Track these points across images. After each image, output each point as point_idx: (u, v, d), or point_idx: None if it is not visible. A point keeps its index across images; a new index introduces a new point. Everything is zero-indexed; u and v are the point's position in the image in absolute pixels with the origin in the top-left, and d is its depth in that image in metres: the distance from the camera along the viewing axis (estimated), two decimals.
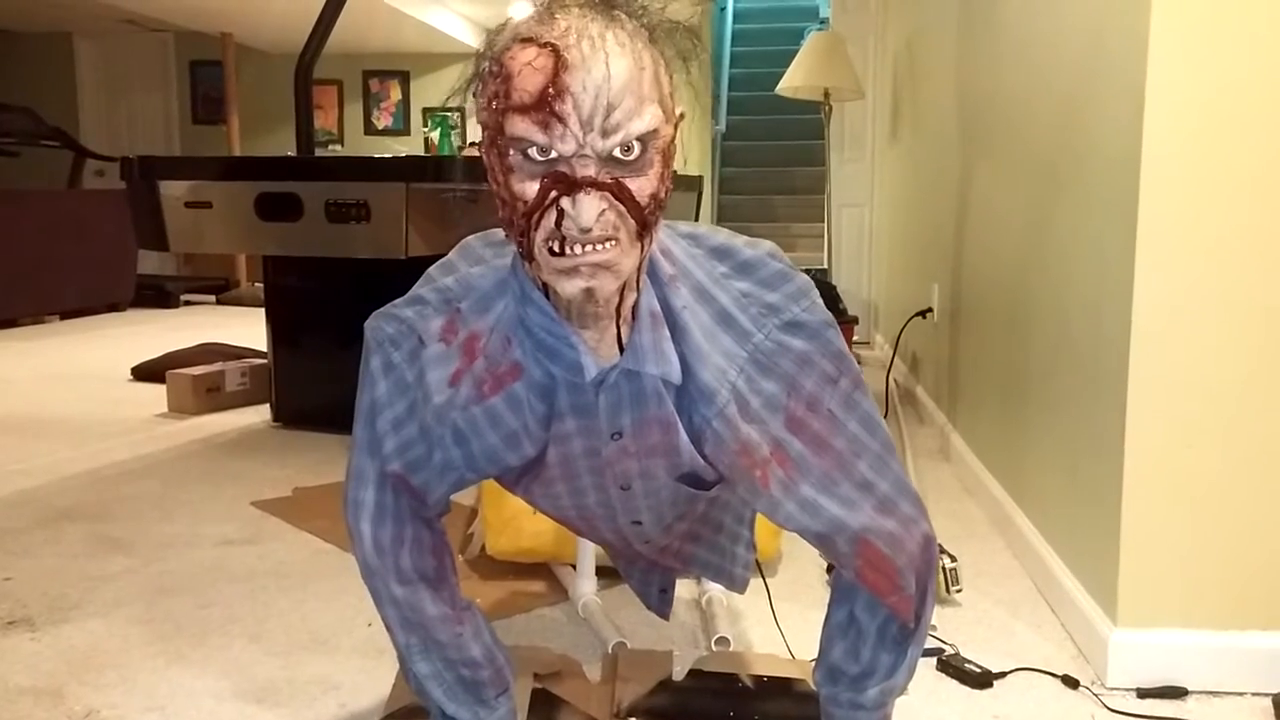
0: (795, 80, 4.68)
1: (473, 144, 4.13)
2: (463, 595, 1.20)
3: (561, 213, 0.86)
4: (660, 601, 1.56)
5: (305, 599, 1.95)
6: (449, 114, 8.32)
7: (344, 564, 2.13)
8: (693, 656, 1.66)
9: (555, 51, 0.83)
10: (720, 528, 1.42)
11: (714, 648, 1.70)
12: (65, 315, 6.36)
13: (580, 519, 1.22)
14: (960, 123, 2.96)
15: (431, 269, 1.11)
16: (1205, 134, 1.50)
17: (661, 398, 1.02)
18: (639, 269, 0.95)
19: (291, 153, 3.50)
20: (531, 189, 0.87)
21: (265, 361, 3.54)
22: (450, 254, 1.13)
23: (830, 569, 2.01)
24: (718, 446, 1.05)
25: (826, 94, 4.70)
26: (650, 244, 0.92)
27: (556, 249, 0.88)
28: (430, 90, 9.01)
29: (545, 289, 0.95)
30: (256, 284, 7.12)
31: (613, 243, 0.87)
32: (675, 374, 1.00)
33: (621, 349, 0.98)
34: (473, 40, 8.48)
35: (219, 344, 4.58)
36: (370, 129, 9.13)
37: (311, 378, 3.34)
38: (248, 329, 5.49)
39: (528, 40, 0.85)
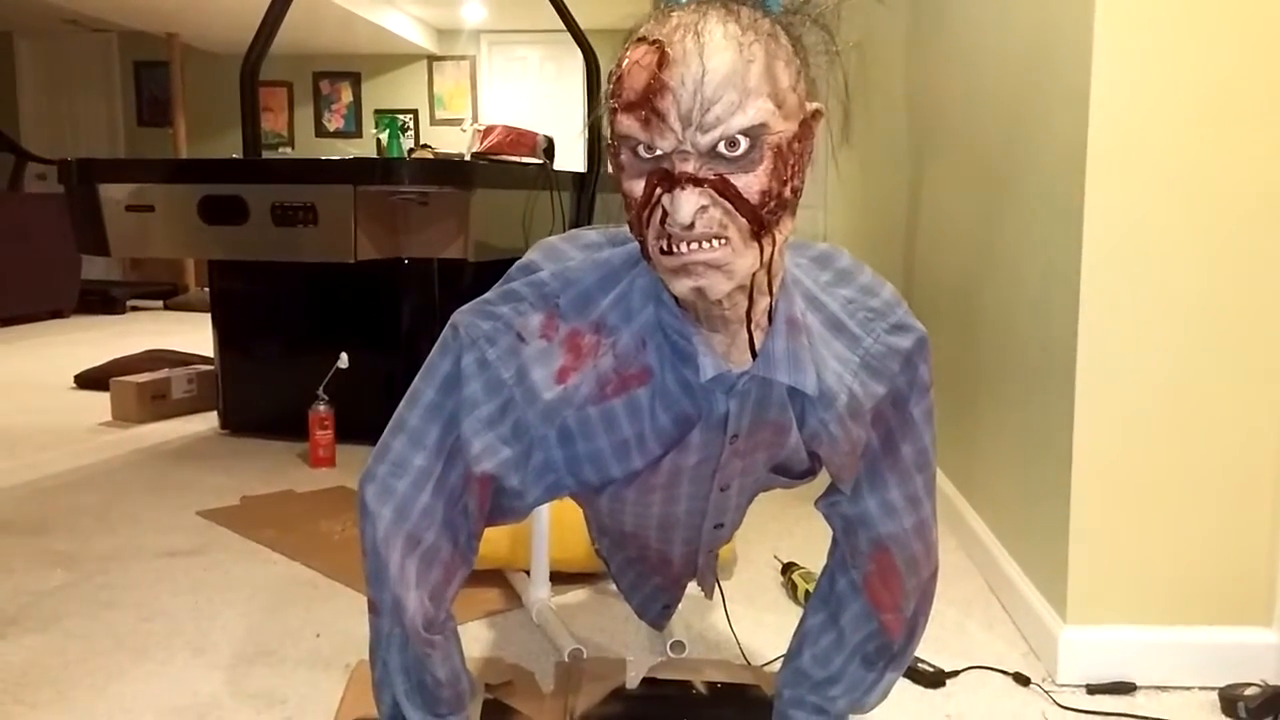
0: None
1: (424, 146, 4.09)
2: (446, 612, 1.15)
3: (666, 210, 0.85)
4: (660, 616, 1.56)
5: (251, 610, 1.91)
6: (399, 116, 8.25)
7: (292, 574, 2.09)
8: (647, 662, 1.65)
9: (660, 48, 0.83)
10: None
11: (669, 651, 1.69)
12: (6, 322, 6.20)
13: (660, 528, 1.20)
14: (910, 127, 2.98)
15: (512, 269, 1.09)
16: (1148, 138, 1.52)
17: (785, 405, 1.02)
18: (768, 272, 0.94)
19: (238, 155, 3.45)
20: (639, 187, 0.86)
21: (212, 368, 3.47)
22: (530, 254, 1.09)
23: (785, 570, 2.01)
24: (832, 448, 1.06)
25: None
26: (773, 246, 0.89)
27: (665, 247, 0.86)
28: (382, 92, 8.92)
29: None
30: (205, 289, 7.01)
31: (721, 241, 0.85)
32: (811, 384, 0.99)
33: (754, 354, 0.97)
34: (424, 41, 8.41)
35: (166, 350, 4.49)
36: (321, 131, 9.02)
37: (260, 384, 3.28)
38: (196, 335, 5.39)
39: (641, 39, 0.85)
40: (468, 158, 3.29)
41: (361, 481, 1.09)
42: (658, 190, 0.85)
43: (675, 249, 0.86)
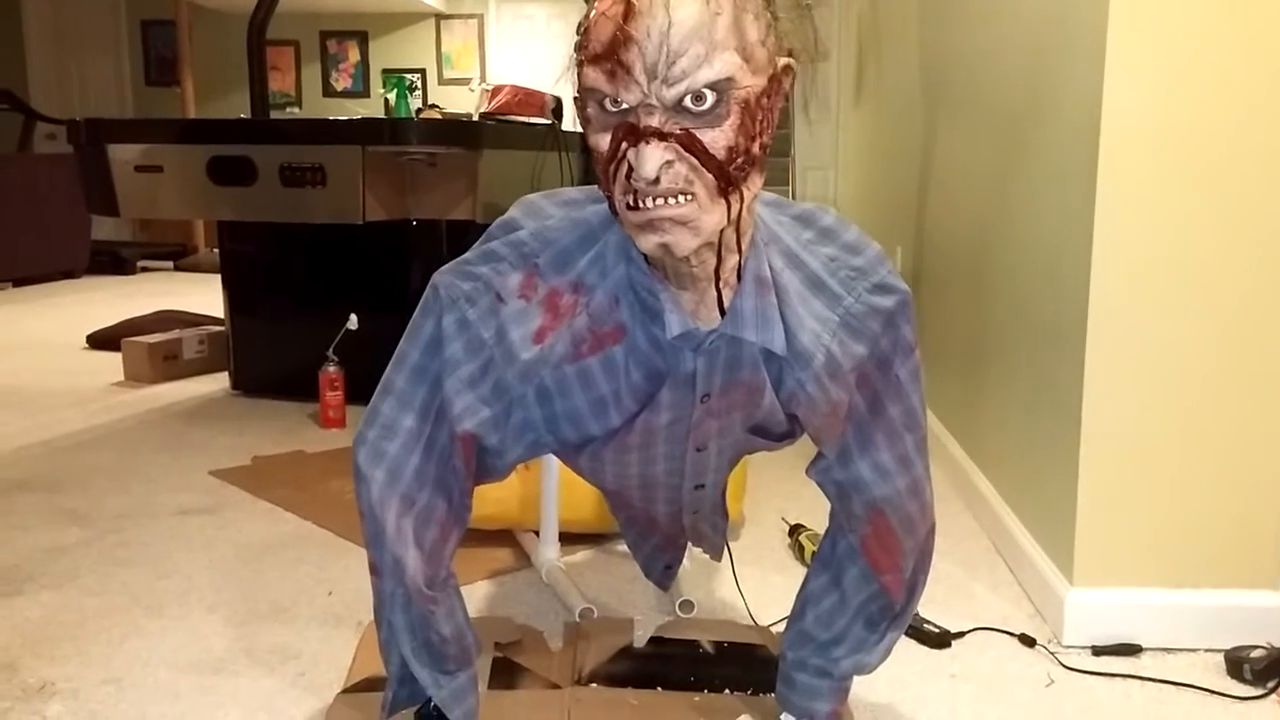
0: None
1: (432, 106, 4.07)
2: (446, 570, 1.17)
3: (631, 165, 0.84)
4: (663, 576, 1.57)
5: (264, 568, 1.93)
6: (407, 75, 8.17)
7: (304, 532, 2.11)
8: (655, 621, 1.67)
9: (626, 0, 0.82)
10: (718, 499, 1.43)
11: (679, 611, 1.70)
12: (18, 283, 6.22)
13: (641, 488, 1.20)
14: (923, 85, 2.95)
15: (492, 227, 1.09)
16: (1165, 97, 1.50)
17: (757, 364, 1.02)
18: (737, 229, 0.93)
19: (246, 115, 3.43)
20: (606, 141, 0.86)
21: (223, 329, 3.48)
22: (511, 211, 1.09)
23: (792, 532, 2.02)
24: (810, 409, 1.05)
25: (791, 55, 4.67)
26: (741, 203, 0.88)
27: (631, 203, 0.86)
28: (389, 51, 8.85)
29: None
30: (215, 250, 7.01)
31: (687, 197, 0.85)
32: (779, 344, 0.99)
33: (723, 313, 0.97)
34: None
35: (176, 311, 4.50)
36: (329, 91, 8.96)
37: (270, 345, 3.30)
38: (206, 296, 5.40)
39: None
40: (476, 118, 3.27)
41: (354, 445, 1.10)
42: (623, 144, 0.84)
43: (641, 204, 0.85)
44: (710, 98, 0.82)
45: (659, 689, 1.45)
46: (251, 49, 3.18)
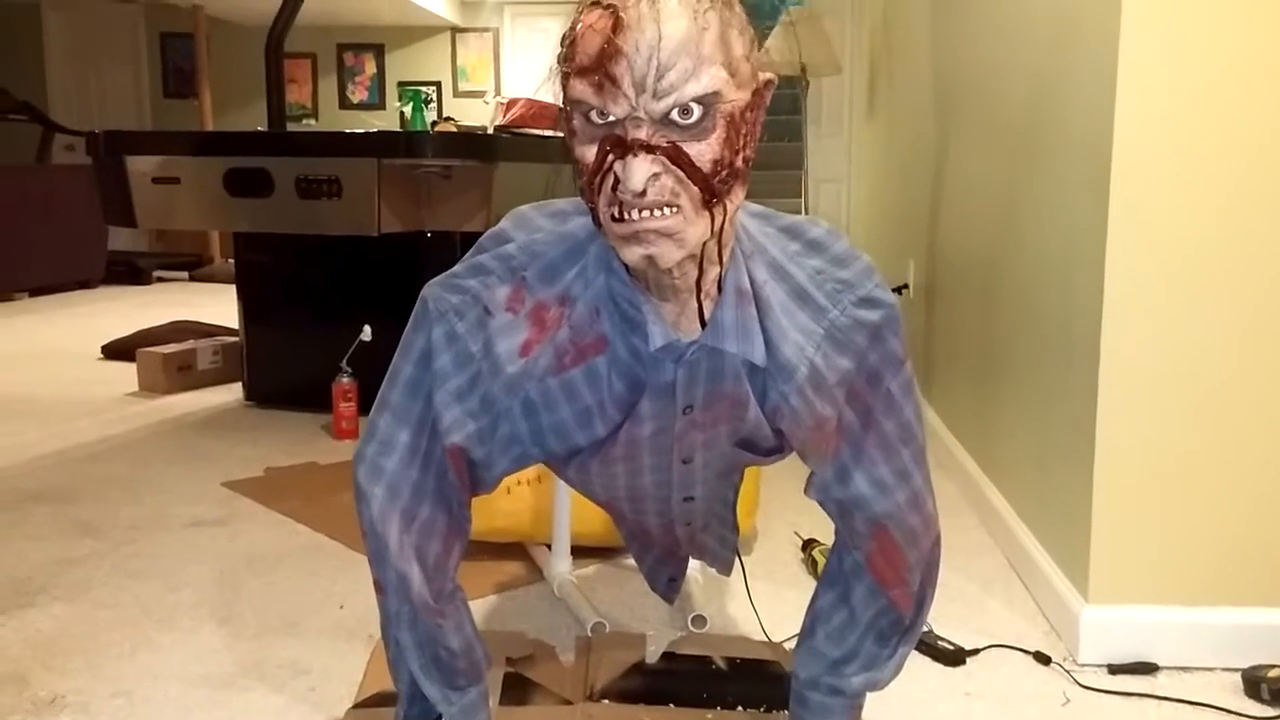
0: (772, 56, 4.65)
1: (447, 118, 4.09)
2: (452, 582, 1.17)
3: (618, 177, 0.84)
4: (668, 589, 1.56)
5: (276, 581, 1.93)
6: (422, 88, 8.22)
7: (316, 545, 2.11)
8: (668, 636, 1.66)
9: (614, 13, 0.82)
10: (726, 513, 1.42)
11: (691, 625, 1.70)
12: (35, 292, 6.27)
13: (630, 499, 1.20)
14: (935, 98, 2.95)
15: (483, 239, 1.09)
16: (1176, 110, 1.50)
17: (739, 376, 1.01)
18: (719, 242, 0.93)
19: (263, 127, 3.45)
20: (592, 153, 0.86)
21: (237, 339, 3.50)
22: (502, 223, 1.10)
23: (805, 546, 2.01)
24: (794, 423, 1.05)
25: (804, 69, 4.67)
26: (724, 215, 0.89)
27: (616, 214, 0.86)
28: (405, 64, 8.90)
29: None
30: (230, 260, 7.04)
31: (673, 210, 0.85)
32: (759, 355, 0.99)
33: (704, 324, 0.97)
34: (447, 13, 8.37)
35: (191, 322, 4.52)
36: (345, 103, 9.02)
37: (284, 356, 3.30)
38: (221, 306, 5.42)
39: (595, 3, 0.84)
40: (490, 131, 3.28)
41: (354, 462, 1.11)
42: (610, 156, 0.85)
43: (627, 216, 0.85)
44: (697, 111, 0.83)
45: (671, 705, 1.44)
46: (269, 62, 3.20)
